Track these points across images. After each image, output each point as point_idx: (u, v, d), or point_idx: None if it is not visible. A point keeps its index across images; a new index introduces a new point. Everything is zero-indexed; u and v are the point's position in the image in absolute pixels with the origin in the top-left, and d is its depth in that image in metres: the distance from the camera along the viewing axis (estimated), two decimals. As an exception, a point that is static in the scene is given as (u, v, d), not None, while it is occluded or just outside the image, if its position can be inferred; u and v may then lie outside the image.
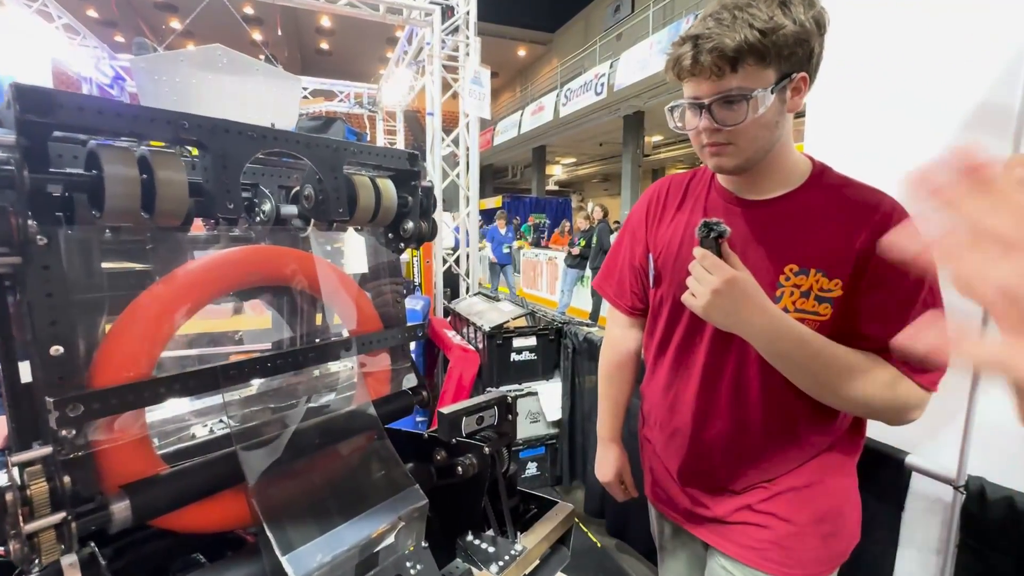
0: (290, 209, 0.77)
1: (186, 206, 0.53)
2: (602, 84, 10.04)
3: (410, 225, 0.81)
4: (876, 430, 1.22)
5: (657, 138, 14.00)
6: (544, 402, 2.70)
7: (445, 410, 0.72)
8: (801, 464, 0.83)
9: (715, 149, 0.75)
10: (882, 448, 1.19)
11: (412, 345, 3.12)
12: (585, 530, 2.37)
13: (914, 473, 1.14)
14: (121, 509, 0.50)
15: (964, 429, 1.03)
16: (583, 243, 6.59)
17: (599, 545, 2.25)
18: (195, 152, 0.60)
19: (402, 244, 0.85)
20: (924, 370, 0.71)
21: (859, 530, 0.89)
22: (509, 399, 0.79)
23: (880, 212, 0.72)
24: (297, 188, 0.77)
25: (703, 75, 0.70)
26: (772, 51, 0.67)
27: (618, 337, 1.07)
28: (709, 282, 0.68)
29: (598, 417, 1.13)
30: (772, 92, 0.69)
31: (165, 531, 0.58)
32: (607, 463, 1.10)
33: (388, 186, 0.76)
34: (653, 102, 9.81)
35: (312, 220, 0.74)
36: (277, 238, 0.79)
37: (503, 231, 8.12)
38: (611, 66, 9.79)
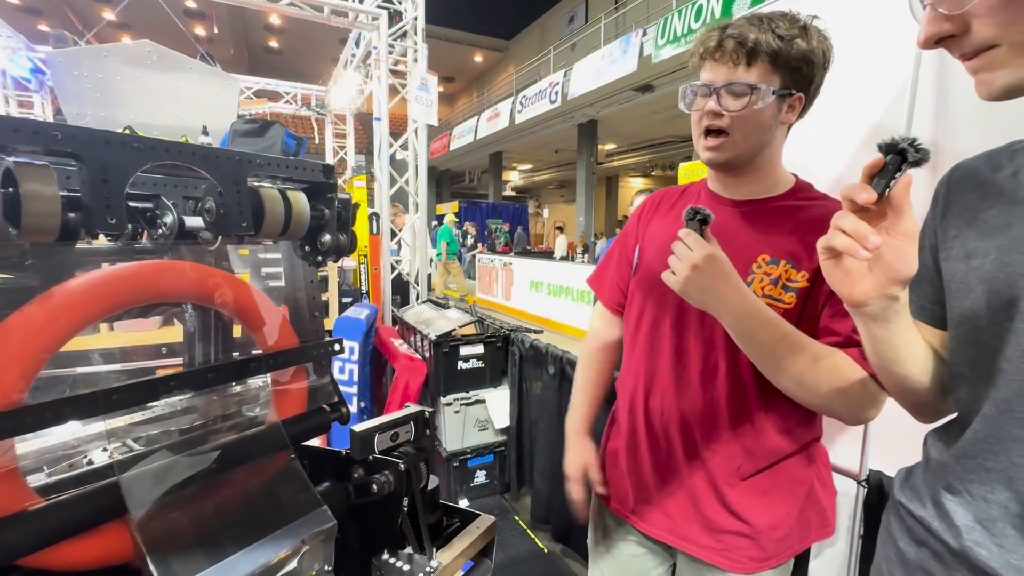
0: (195, 221, 0.73)
1: (57, 221, 0.50)
2: (556, 92, 10.21)
3: (327, 238, 0.80)
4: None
5: (611, 146, 14.36)
6: (492, 410, 2.70)
7: (357, 428, 0.71)
8: (759, 466, 0.85)
9: (712, 141, 0.81)
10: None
11: (357, 355, 3.01)
12: (532, 536, 2.38)
13: (825, 469, 1.21)
14: (-25, 551, 0.46)
15: (864, 426, 1.11)
16: None
17: (545, 551, 2.26)
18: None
19: (320, 257, 0.83)
20: None
21: (811, 534, 0.90)
22: (426, 414, 0.78)
23: None
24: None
25: (722, 60, 0.78)
26: (783, 59, 0.76)
27: (599, 328, 1.11)
28: (689, 257, 0.72)
29: (570, 407, 1.11)
30: (774, 94, 0.77)
31: (43, 570, 0.53)
32: (573, 455, 1.06)
33: (300, 199, 0.74)
34: (605, 112, 10.06)
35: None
36: (197, 252, 0.76)
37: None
38: (565, 75, 9.97)
